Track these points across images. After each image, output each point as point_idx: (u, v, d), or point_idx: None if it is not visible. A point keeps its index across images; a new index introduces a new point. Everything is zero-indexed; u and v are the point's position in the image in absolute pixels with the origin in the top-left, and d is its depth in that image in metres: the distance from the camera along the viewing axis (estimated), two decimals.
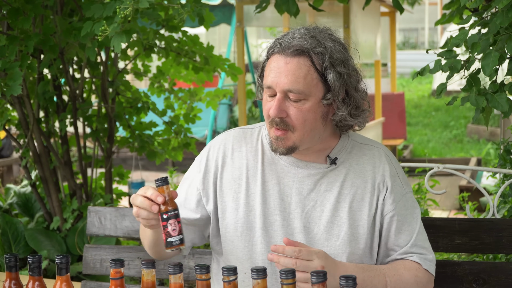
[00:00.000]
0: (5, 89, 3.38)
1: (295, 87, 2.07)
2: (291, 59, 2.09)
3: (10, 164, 7.84)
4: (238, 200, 2.20)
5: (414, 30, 26.49)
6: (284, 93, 2.09)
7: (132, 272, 2.73)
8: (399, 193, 2.21)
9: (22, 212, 4.93)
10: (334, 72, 2.10)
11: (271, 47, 2.15)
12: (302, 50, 2.08)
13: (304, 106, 2.09)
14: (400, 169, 2.27)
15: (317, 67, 2.09)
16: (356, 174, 2.20)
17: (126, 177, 5.08)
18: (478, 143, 11.88)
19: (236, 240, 2.19)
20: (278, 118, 2.10)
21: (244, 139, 2.27)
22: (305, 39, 2.10)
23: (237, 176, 2.22)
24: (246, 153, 2.24)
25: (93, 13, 3.35)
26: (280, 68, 2.09)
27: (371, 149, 2.25)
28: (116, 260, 1.76)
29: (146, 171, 8.43)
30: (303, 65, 2.08)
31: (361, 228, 2.16)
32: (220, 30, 14.06)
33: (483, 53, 2.54)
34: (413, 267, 2.19)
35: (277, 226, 2.17)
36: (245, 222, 2.18)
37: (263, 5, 3.44)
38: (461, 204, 5.30)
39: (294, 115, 2.10)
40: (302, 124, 2.10)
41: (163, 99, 5.01)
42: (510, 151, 3.62)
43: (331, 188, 2.18)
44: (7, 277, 1.83)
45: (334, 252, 2.14)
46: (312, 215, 2.17)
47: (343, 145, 2.23)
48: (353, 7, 7.11)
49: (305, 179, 2.19)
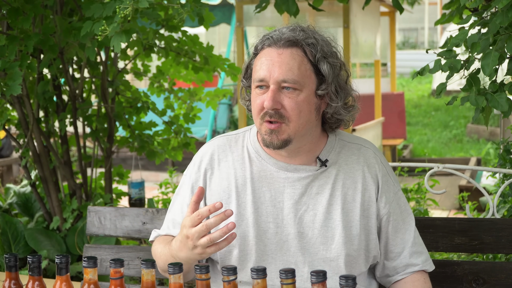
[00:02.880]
0: (5, 89, 3.37)
1: (290, 77, 2.05)
2: (283, 50, 2.07)
3: (10, 164, 7.84)
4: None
5: (414, 30, 26.49)
6: (278, 84, 2.06)
7: (132, 272, 2.72)
8: (391, 192, 2.20)
9: (21, 212, 4.93)
10: (327, 63, 2.09)
11: (259, 43, 2.13)
12: (294, 41, 2.07)
13: (299, 97, 2.07)
14: (389, 167, 2.25)
15: (310, 58, 2.08)
16: (346, 174, 2.17)
17: (126, 177, 5.08)
18: (477, 143, 11.88)
19: (230, 248, 2.16)
20: (272, 110, 2.06)
21: (229, 148, 2.23)
22: (296, 30, 2.09)
23: (226, 186, 2.19)
24: (233, 162, 2.20)
25: (92, 13, 3.35)
26: (273, 59, 2.07)
27: (360, 148, 2.22)
28: (116, 260, 1.76)
29: (145, 171, 8.43)
30: (296, 55, 2.07)
31: (354, 229, 2.15)
32: (220, 30, 14.06)
33: (483, 53, 2.54)
34: (420, 279, 2.21)
35: (271, 234, 2.14)
36: (238, 232, 2.14)
37: (263, 5, 3.44)
38: (461, 204, 5.30)
39: (289, 106, 2.06)
40: (297, 115, 2.07)
41: (162, 99, 5.01)
42: (510, 150, 3.63)
43: (323, 191, 2.15)
44: (6, 277, 1.83)
45: (331, 255, 2.13)
46: (305, 220, 2.14)
47: (331, 145, 2.20)
48: (353, 7, 7.11)
49: (296, 183, 2.15)
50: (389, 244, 2.21)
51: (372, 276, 2.28)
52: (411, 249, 2.21)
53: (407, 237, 2.21)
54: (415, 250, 2.21)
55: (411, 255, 2.20)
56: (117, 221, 2.77)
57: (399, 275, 2.22)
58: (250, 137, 2.23)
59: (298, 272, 2.11)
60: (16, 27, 3.75)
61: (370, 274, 2.28)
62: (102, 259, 2.75)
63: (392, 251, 2.21)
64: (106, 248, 2.78)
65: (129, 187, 5.32)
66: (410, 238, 2.21)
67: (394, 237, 2.20)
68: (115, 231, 2.77)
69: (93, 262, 1.76)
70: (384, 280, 2.26)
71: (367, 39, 8.07)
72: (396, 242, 2.20)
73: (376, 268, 2.26)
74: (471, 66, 2.65)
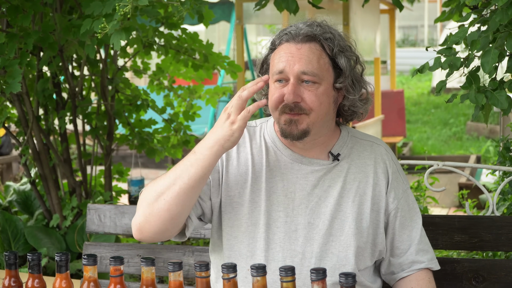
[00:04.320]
0: (4, 87, 3.37)
1: (310, 69, 2.09)
2: (302, 44, 2.11)
3: (10, 161, 7.84)
4: (243, 196, 2.19)
5: (414, 28, 26.48)
6: (298, 77, 2.10)
7: (132, 269, 2.73)
8: (400, 189, 2.24)
9: (21, 210, 4.93)
10: (344, 56, 2.14)
11: (277, 38, 2.17)
12: (312, 36, 2.12)
13: (319, 90, 2.11)
14: (399, 165, 2.30)
15: (328, 52, 2.13)
16: (358, 168, 2.21)
17: (126, 175, 5.08)
18: (477, 141, 11.88)
19: (240, 235, 2.18)
20: (293, 103, 2.09)
21: (249, 135, 2.27)
22: (313, 26, 2.14)
23: (243, 171, 2.21)
24: (251, 149, 2.24)
25: (92, 10, 3.35)
26: (293, 53, 2.11)
27: (372, 145, 2.27)
28: (116, 258, 1.76)
29: (145, 169, 8.43)
30: (315, 49, 2.12)
31: (364, 222, 2.18)
32: (220, 28, 14.06)
33: (483, 50, 2.54)
34: (425, 278, 2.22)
35: (280, 223, 2.17)
36: (250, 218, 2.18)
37: (263, 3, 3.44)
38: (460, 201, 5.29)
39: (309, 99, 2.10)
40: (318, 106, 2.11)
41: (162, 97, 5.01)
42: (510, 148, 3.63)
43: (335, 184, 2.19)
44: (6, 274, 1.83)
45: (340, 246, 2.15)
46: (316, 211, 2.17)
47: (344, 140, 2.25)
48: (353, 5, 7.11)
49: (309, 175, 2.19)
50: (395, 240, 2.23)
51: (377, 273, 2.30)
52: (417, 247, 2.23)
53: (413, 235, 2.23)
54: (421, 248, 2.23)
55: (417, 252, 2.23)
56: (117, 218, 2.77)
57: (404, 272, 2.24)
58: (268, 128, 2.27)
59: (305, 263, 2.14)
60: (15, 24, 3.75)
61: (375, 271, 2.29)
62: (102, 257, 2.75)
63: (398, 248, 2.23)
64: (106, 246, 2.78)
65: (129, 185, 5.32)
66: (416, 236, 2.23)
67: (401, 234, 2.22)
68: (115, 228, 2.77)
69: (93, 259, 1.76)
70: (389, 278, 2.28)
71: (366, 36, 8.07)
72: (402, 238, 2.22)
73: (382, 264, 2.27)
74: (471, 64, 2.65)
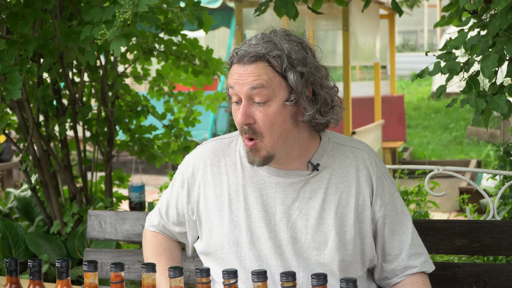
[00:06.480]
0: (4, 93, 3.38)
1: (256, 91, 2.05)
2: (248, 66, 2.07)
3: (10, 168, 7.83)
4: (222, 217, 2.17)
5: (413, 33, 26.52)
6: (249, 97, 2.06)
7: (133, 275, 2.72)
8: (387, 194, 2.19)
9: (22, 216, 4.93)
10: (295, 72, 2.06)
11: (230, 58, 2.13)
12: (258, 56, 2.06)
13: (270, 109, 2.06)
14: (385, 168, 2.23)
15: (277, 70, 2.07)
16: (340, 178, 2.16)
17: (126, 181, 5.08)
18: (478, 145, 11.88)
19: (226, 257, 2.17)
20: (246, 125, 2.07)
21: (222, 152, 2.24)
22: (259, 45, 2.07)
23: (219, 193, 2.19)
24: (226, 168, 2.21)
25: (92, 17, 3.35)
26: (241, 75, 2.07)
27: (354, 151, 2.20)
28: (117, 264, 1.76)
29: (146, 175, 8.43)
30: (262, 69, 2.06)
31: (348, 234, 2.13)
32: (220, 33, 14.06)
33: (482, 55, 2.54)
34: (419, 281, 2.20)
35: (264, 239, 2.14)
36: (231, 238, 2.15)
37: (262, 8, 3.45)
38: (461, 206, 5.30)
39: (260, 120, 2.06)
40: (269, 129, 2.06)
41: (162, 103, 5.01)
42: (510, 152, 3.63)
43: (315, 196, 2.14)
44: (7, 281, 1.83)
45: (324, 261, 2.12)
46: (298, 225, 2.13)
47: (324, 148, 2.18)
48: (352, 10, 7.11)
49: (288, 188, 2.15)
50: (386, 246, 2.20)
51: (371, 278, 2.27)
52: (409, 251, 2.20)
53: (404, 239, 2.20)
54: (413, 252, 2.20)
55: (409, 257, 2.19)
56: (117, 225, 2.77)
57: (397, 278, 2.21)
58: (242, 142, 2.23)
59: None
60: (15, 31, 3.75)
61: (369, 276, 2.27)
62: (103, 263, 2.75)
63: (389, 254, 2.20)
64: (107, 252, 2.78)
65: (130, 191, 5.32)
66: (407, 240, 2.20)
67: (391, 239, 2.19)
68: (116, 235, 2.77)
69: (93, 266, 1.76)
70: (383, 283, 2.26)
71: (366, 41, 8.07)
72: (393, 244, 2.19)
73: (375, 270, 2.25)
74: (471, 68, 2.65)
